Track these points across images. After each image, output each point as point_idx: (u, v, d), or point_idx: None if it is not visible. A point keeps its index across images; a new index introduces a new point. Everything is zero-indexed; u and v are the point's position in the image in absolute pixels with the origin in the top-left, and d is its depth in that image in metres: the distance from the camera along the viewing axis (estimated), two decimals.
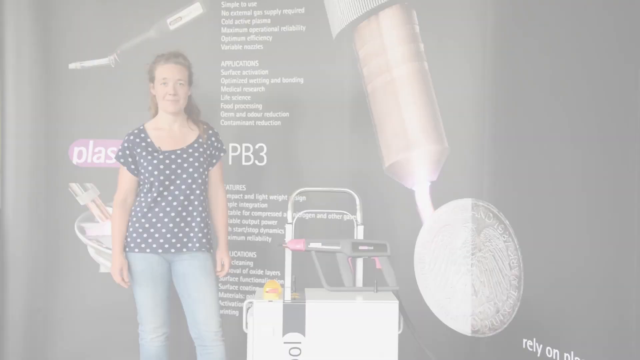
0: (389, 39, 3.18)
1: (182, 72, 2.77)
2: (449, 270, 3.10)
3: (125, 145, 2.76)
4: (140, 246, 2.70)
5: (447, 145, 3.10)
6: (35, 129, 3.45)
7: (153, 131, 2.78)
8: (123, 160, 2.76)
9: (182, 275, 2.74)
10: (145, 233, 2.70)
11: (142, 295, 2.73)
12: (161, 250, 2.70)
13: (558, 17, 2.60)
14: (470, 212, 3.05)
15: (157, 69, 2.77)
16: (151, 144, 2.74)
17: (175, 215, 2.70)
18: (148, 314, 2.73)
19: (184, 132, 2.80)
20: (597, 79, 2.41)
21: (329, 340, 2.26)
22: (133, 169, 2.75)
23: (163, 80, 2.74)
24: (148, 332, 2.75)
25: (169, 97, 2.72)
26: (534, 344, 2.72)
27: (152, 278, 2.71)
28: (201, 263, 2.74)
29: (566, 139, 2.54)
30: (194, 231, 2.72)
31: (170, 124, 2.80)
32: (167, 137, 2.77)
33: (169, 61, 2.76)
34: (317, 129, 3.35)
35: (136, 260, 2.72)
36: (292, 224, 2.47)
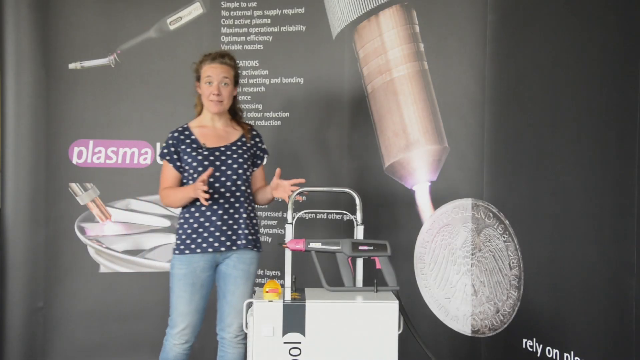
0: (389, 39, 3.19)
1: (228, 71, 2.74)
2: (449, 270, 3.10)
3: (169, 142, 2.74)
4: (190, 247, 2.66)
5: (447, 145, 3.11)
6: (35, 129, 3.45)
7: (197, 129, 2.76)
8: (169, 158, 2.73)
9: (224, 275, 2.71)
10: (194, 234, 2.66)
11: (177, 300, 2.67)
12: (211, 249, 2.65)
13: (558, 16, 2.60)
14: (470, 212, 3.05)
15: (202, 68, 2.75)
16: (195, 140, 2.72)
17: (222, 213, 2.66)
18: (178, 319, 2.67)
19: (228, 130, 2.79)
20: (597, 78, 2.41)
21: (329, 340, 2.26)
22: (179, 166, 2.72)
23: (208, 79, 2.72)
24: (173, 337, 2.69)
25: (212, 97, 2.70)
26: (534, 344, 2.72)
27: (192, 284, 2.65)
28: (246, 267, 2.71)
29: (566, 138, 2.54)
30: (241, 227, 2.68)
31: (214, 121, 2.78)
32: (212, 135, 2.75)
33: (214, 61, 2.74)
34: (317, 129, 3.36)
35: (181, 264, 2.67)
36: (292, 224, 2.47)
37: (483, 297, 3.00)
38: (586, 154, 2.45)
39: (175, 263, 2.68)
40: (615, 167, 2.32)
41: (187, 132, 2.75)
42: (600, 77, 2.39)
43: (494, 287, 2.95)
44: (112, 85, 3.48)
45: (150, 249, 3.52)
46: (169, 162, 2.73)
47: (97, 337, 3.45)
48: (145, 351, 3.44)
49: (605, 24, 2.37)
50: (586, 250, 2.44)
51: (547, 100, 2.65)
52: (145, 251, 3.52)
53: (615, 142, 2.32)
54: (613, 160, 2.33)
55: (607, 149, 2.35)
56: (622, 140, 2.29)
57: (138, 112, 3.49)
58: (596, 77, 2.41)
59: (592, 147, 2.42)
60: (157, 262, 3.49)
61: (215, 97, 2.70)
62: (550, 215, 2.62)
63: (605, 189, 2.36)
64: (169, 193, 2.72)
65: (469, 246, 3.06)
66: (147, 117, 3.49)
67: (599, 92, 2.40)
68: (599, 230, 2.39)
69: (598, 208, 2.39)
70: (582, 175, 2.47)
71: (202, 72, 2.75)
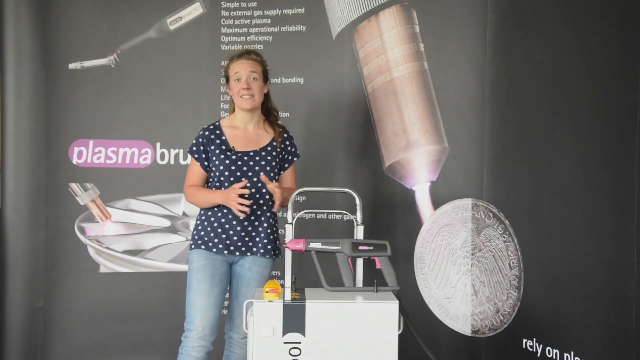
0: (389, 39, 3.19)
1: (255, 66, 2.72)
2: (449, 271, 3.10)
3: (200, 140, 2.71)
4: (207, 244, 2.65)
5: (447, 145, 3.11)
6: (35, 129, 3.45)
7: (228, 129, 2.73)
8: (197, 156, 2.71)
9: (238, 276, 2.70)
10: (212, 232, 2.65)
11: (195, 294, 2.60)
12: (227, 251, 2.65)
13: (558, 16, 2.60)
14: (470, 212, 3.05)
15: (230, 67, 2.73)
16: (225, 142, 2.70)
17: (244, 219, 2.64)
18: (197, 316, 2.58)
19: (259, 133, 2.75)
20: (597, 78, 2.41)
21: (329, 340, 2.26)
22: (206, 166, 2.71)
23: (236, 75, 2.69)
24: (192, 339, 2.58)
25: (243, 92, 2.67)
26: (534, 344, 2.72)
27: (211, 276, 2.62)
28: (260, 270, 2.70)
29: (566, 138, 2.54)
30: (260, 236, 2.67)
31: (246, 123, 2.74)
32: (242, 138, 2.72)
33: (240, 57, 2.73)
34: (317, 129, 3.36)
35: (199, 255, 2.65)
36: (292, 224, 2.47)
37: (483, 297, 3.00)
38: (586, 154, 2.45)
39: (194, 257, 2.66)
40: (615, 167, 2.32)
41: (218, 131, 2.72)
42: (600, 77, 2.39)
43: (494, 287, 2.95)
44: (112, 85, 3.48)
45: (150, 249, 3.52)
46: (196, 160, 2.71)
47: (97, 337, 3.45)
48: (145, 351, 3.44)
49: (605, 24, 2.37)
50: (586, 250, 2.44)
51: (547, 100, 2.65)
52: (145, 251, 3.52)
53: (615, 142, 2.32)
54: (613, 160, 2.33)
55: (607, 149, 2.35)
56: (622, 140, 2.28)
57: (138, 112, 3.49)
58: (596, 77, 2.41)
59: (592, 147, 2.42)
60: (157, 262, 3.49)
61: (245, 91, 2.67)
62: (550, 215, 2.62)
63: (605, 189, 2.36)
64: (195, 193, 2.70)
65: (469, 246, 3.06)
66: (147, 117, 3.50)
67: (599, 92, 2.40)
68: (599, 230, 2.38)
69: (598, 208, 2.39)
70: (582, 175, 2.47)
71: (230, 72, 2.73)
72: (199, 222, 2.71)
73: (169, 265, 3.51)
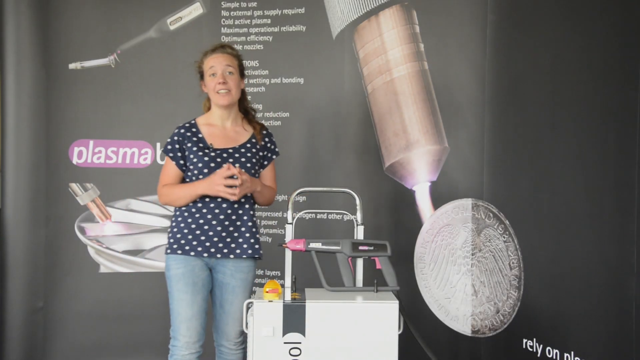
0: (389, 39, 3.19)
1: (231, 60, 2.61)
2: (449, 271, 3.10)
3: (175, 138, 2.59)
4: (184, 248, 2.51)
5: (447, 145, 3.11)
6: (35, 129, 3.45)
7: (205, 127, 2.62)
8: (172, 155, 2.58)
9: (220, 284, 2.58)
10: (190, 234, 2.52)
11: (178, 304, 2.50)
12: (207, 254, 2.51)
13: (558, 17, 2.60)
14: (470, 212, 3.05)
15: (204, 62, 2.63)
16: (203, 140, 2.58)
17: (224, 218, 2.52)
18: (182, 326, 2.49)
19: (237, 130, 2.65)
20: (597, 78, 2.41)
21: (329, 340, 2.26)
22: (182, 165, 2.58)
23: (211, 70, 2.58)
24: (180, 348, 2.51)
25: (219, 87, 2.55)
26: (534, 344, 2.72)
27: (192, 284, 2.50)
28: (244, 276, 2.58)
29: (566, 138, 2.54)
30: (244, 237, 2.55)
31: (224, 120, 2.64)
32: (220, 135, 2.61)
33: (215, 51, 2.63)
34: (316, 129, 3.36)
35: (177, 263, 2.51)
36: (292, 224, 2.47)
37: (483, 297, 3.00)
38: (586, 154, 2.45)
39: (171, 263, 2.53)
40: (615, 167, 2.32)
41: (194, 129, 2.62)
42: (600, 77, 2.39)
43: (494, 287, 2.95)
44: (112, 85, 3.48)
45: (150, 249, 3.52)
46: (172, 160, 2.60)
47: (97, 337, 3.45)
48: (145, 351, 3.44)
49: (605, 24, 2.37)
50: (586, 250, 2.44)
51: (547, 100, 2.65)
52: (145, 251, 3.52)
53: (615, 142, 2.32)
54: (613, 160, 2.33)
55: (607, 149, 2.35)
56: (622, 140, 2.28)
57: (138, 112, 3.49)
58: (596, 77, 2.41)
59: (592, 147, 2.42)
60: (157, 262, 3.49)
61: (222, 86, 2.56)
62: (550, 215, 2.62)
63: (605, 189, 2.36)
64: (171, 191, 2.58)
65: (469, 246, 3.06)
66: (147, 117, 3.49)
67: (599, 92, 2.40)
68: (599, 230, 2.38)
69: (598, 208, 2.39)
70: (582, 175, 2.47)
71: (204, 66, 2.63)
72: (174, 224, 2.57)
73: None
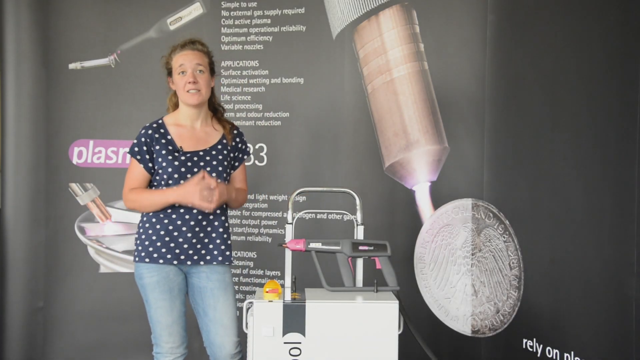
0: (389, 39, 3.18)
1: (201, 58, 2.48)
2: (449, 271, 3.10)
3: (142, 139, 2.45)
4: (152, 256, 2.41)
5: (447, 145, 3.11)
6: (35, 129, 3.45)
7: (173, 127, 2.49)
8: (140, 157, 2.44)
9: (198, 289, 2.49)
10: (159, 241, 2.42)
11: (157, 312, 2.43)
12: (176, 262, 2.42)
13: (558, 16, 2.60)
14: (470, 212, 3.05)
15: (173, 59, 2.49)
16: (172, 142, 2.45)
17: (194, 225, 2.42)
18: (164, 333, 2.43)
19: (207, 131, 2.52)
20: (597, 78, 2.41)
21: (329, 340, 2.26)
22: (150, 167, 2.45)
23: (180, 68, 2.45)
24: (164, 355, 2.46)
25: (189, 87, 2.42)
26: (534, 344, 2.72)
27: (169, 290, 2.42)
28: (220, 277, 2.49)
29: (566, 138, 2.54)
30: (215, 243, 2.46)
31: (193, 120, 2.51)
32: (189, 137, 2.48)
33: (184, 48, 2.49)
34: (316, 129, 3.35)
35: (151, 271, 2.42)
36: (292, 224, 2.46)
37: (483, 297, 3.00)
38: (586, 154, 2.45)
39: (143, 272, 2.43)
40: (615, 167, 2.32)
41: (162, 129, 2.47)
42: (600, 77, 2.39)
43: (494, 287, 2.95)
44: (112, 85, 3.48)
45: None
46: (139, 162, 2.45)
47: (97, 337, 3.45)
48: (146, 351, 3.43)
49: (605, 24, 2.37)
50: (586, 250, 2.44)
51: (547, 100, 2.65)
52: None
53: (615, 142, 2.32)
54: (613, 160, 2.33)
55: (607, 149, 2.35)
56: (622, 140, 2.29)
57: (138, 112, 3.49)
58: (596, 77, 2.41)
59: (592, 147, 2.42)
60: None
61: (192, 85, 2.42)
62: (550, 215, 2.62)
63: (605, 189, 2.36)
64: (140, 196, 2.43)
65: (469, 246, 3.06)
66: (147, 117, 3.46)
67: (599, 92, 2.40)
68: (599, 230, 2.38)
69: (598, 208, 2.39)
70: (582, 175, 2.47)
71: (173, 63, 2.49)
72: (142, 231, 2.45)
73: None
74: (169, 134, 2.48)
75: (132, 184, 2.47)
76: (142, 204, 2.45)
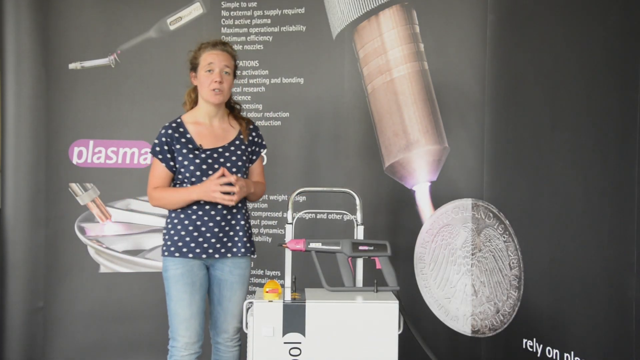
0: (389, 39, 3.19)
1: (229, 60, 2.56)
2: (449, 271, 3.10)
3: (163, 139, 2.52)
4: (181, 250, 2.49)
5: (447, 145, 3.11)
6: (35, 129, 3.45)
7: (192, 126, 2.56)
8: (161, 157, 2.52)
9: (218, 280, 2.58)
10: (188, 236, 2.50)
11: (177, 305, 2.48)
12: (205, 255, 2.51)
13: (558, 16, 2.60)
14: (470, 212, 3.05)
15: (202, 55, 2.54)
16: (191, 140, 2.53)
17: (220, 219, 2.51)
18: (181, 326, 2.48)
19: (225, 128, 2.60)
20: (597, 79, 2.41)
21: (329, 340, 2.26)
22: (172, 166, 2.53)
23: (209, 66, 2.51)
24: (179, 349, 2.50)
25: (214, 86, 2.50)
26: (534, 344, 2.72)
27: (191, 283, 2.49)
28: (242, 272, 2.59)
29: (566, 138, 2.54)
30: (239, 235, 2.54)
31: (211, 118, 2.59)
32: (208, 134, 2.56)
33: (216, 47, 2.56)
34: (317, 129, 3.35)
35: (176, 264, 2.50)
36: (292, 224, 2.47)
37: (483, 297, 3.00)
38: (586, 154, 2.45)
39: (169, 265, 2.51)
40: (615, 167, 2.32)
41: (181, 128, 2.55)
42: (600, 77, 2.39)
43: (494, 287, 2.95)
44: (112, 85, 3.48)
45: (150, 249, 3.52)
46: (161, 162, 2.54)
47: (97, 337, 3.45)
48: (145, 351, 3.44)
49: (605, 24, 2.37)
50: (586, 250, 2.44)
51: (547, 100, 2.65)
52: (145, 251, 3.52)
53: (615, 142, 2.32)
54: (613, 160, 2.33)
55: (607, 149, 2.35)
56: (622, 140, 2.29)
57: (138, 112, 3.49)
58: (596, 77, 2.41)
59: (592, 147, 2.42)
60: (157, 262, 3.49)
61: (217, 84, 2.50)
62: (550, 215, 2.62)
63: (605, 189, 2.36)
64: (163, 195, 2.53)
65: (469, 246, 3.06)
66: (147, 117, 3.49)
67: (599, 92, 2.40)
68: (599, 230, 2.38)
69: (598, 208, 2.39)
70: (582, 175, 2.47)
71: (201, 60, 2.55)
72: (170, 227, 2.54)
73: None
74: (188, 133, 2.56)
75: (155, 182, 2.56)
76: (166, 202, 2.54)
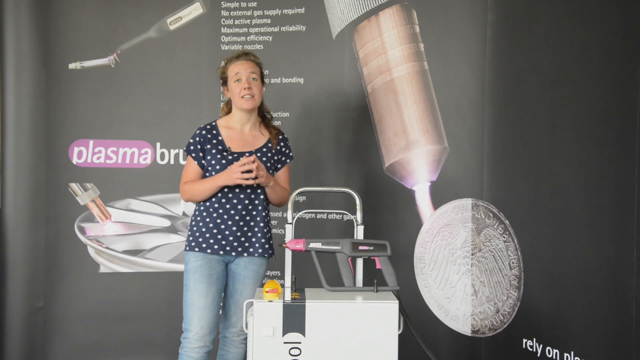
0: (389, 39, 3.19)
1: (254, 67, 2.73)
2: (449, 270, 3.10)
3: (197, 139, 2.72)
4: (201, 246, 2.65)
5: (447, 145, 3.11)
6: (35, 129, 3.45)
7: (224, 130, 2.75)
8: (194, 155, 2.72)
9: (233, 274, 2.70)
10: (208, 233, 2.66)
11: (193, 295, 2.61)
12: (222, 252, 2.65)
13: (558, 16, 2.60)
14: (470, 212, 3.05)
15: (229, 69, 2.74)
16: (222, 142, 2.72)
17: (239, 219, 2.66)
18: (195, 317, 2.59)
19: (255, 134, 2.77)
20: (597, 78, 2.41)
21: (329, 340, 2.26)
22: (203, 164, 2.72)
23: (236, 76, 2.70)
24: (191, 340, 2.60)
25: (244, 92, 2.68)
26: (534, 344, 2.72)
27: (208, 275, 2.62)
28: (256, 268, 2.71)
29: (566, 138, 2.54)
30: (257, 236, 2.68)
31: (243, 124, 2.76)
32: (238, 139, 2.74)
33: (240, 58, 2.74)
34: (316, 129, 3.36)
35: (196, 257, 2.65)
36: (292, 224, 2.47)
37: (483, 297, 3.00)
38: (586, 154, 2.45)
39: (190, 257, 2.66)
40: (615, 167, 2.32)
41: (215, 131, 2.74)
42: (600, 77, 2.39)
43: (494, 287, 2.95)
44: (112, 85, 3.49)
45: (150, 249, 3.52)
46: (194, 159, 2.72)
47: (97, 337, 3.45)
48: (145, 351, 3.44)
49: (605, 24, 2.37)
50: (586, 250, 2.44)
51: (547, 100, 2.65)
52: (145, 251, 3.52)
53: (615, 142, 2.32)
54: (613, 160, 2.33)
55: (607, 149, 2.35)
56: (622, 140, 2.29)
57: (138, 112, 3.49)
58: (596, 77, 2.41)
59: (592, 147, 2.42)
60: (157, 262, 3.49)
61: (247, 91, 2.68)
62: (550, 215, 2.62)
63: (605, 189, 2.36)
64: (192, 187, 2.70)
65: (469, 246, 3.06)
66: (147, 117, 3.50)
67: (599, 92, 2.40)
68: (599, 230, 2.39)
69: (598, 208, 2.39)
70: (582, 175, 2.47)
71: (229, 72, 2.74)
72: (194, 223, 2.71)
73: (169, 265, 3.51)
74: (220, 135, 2.74)
75: (187, 177, 2.75)
76: (195, 192, 2.70)
